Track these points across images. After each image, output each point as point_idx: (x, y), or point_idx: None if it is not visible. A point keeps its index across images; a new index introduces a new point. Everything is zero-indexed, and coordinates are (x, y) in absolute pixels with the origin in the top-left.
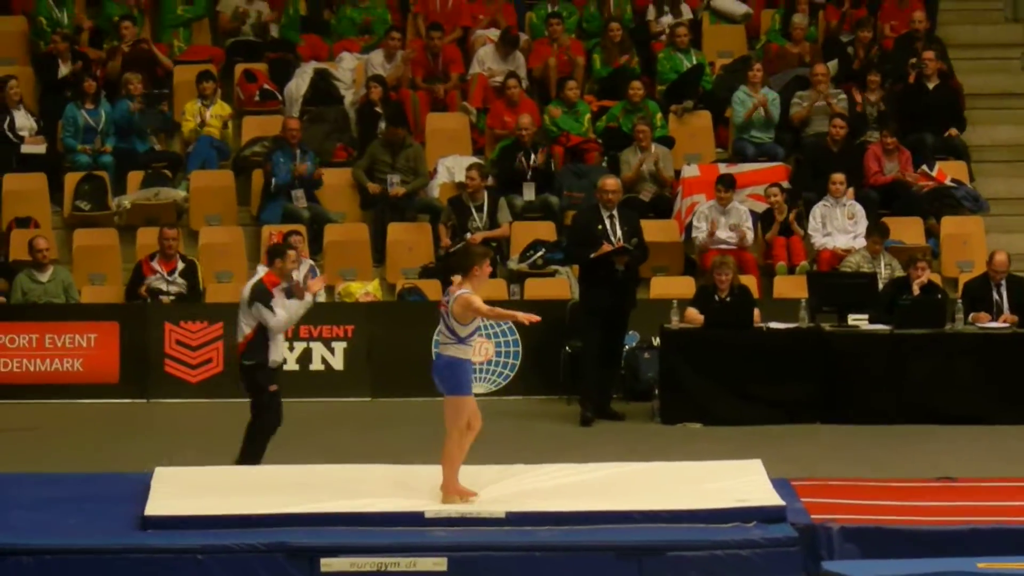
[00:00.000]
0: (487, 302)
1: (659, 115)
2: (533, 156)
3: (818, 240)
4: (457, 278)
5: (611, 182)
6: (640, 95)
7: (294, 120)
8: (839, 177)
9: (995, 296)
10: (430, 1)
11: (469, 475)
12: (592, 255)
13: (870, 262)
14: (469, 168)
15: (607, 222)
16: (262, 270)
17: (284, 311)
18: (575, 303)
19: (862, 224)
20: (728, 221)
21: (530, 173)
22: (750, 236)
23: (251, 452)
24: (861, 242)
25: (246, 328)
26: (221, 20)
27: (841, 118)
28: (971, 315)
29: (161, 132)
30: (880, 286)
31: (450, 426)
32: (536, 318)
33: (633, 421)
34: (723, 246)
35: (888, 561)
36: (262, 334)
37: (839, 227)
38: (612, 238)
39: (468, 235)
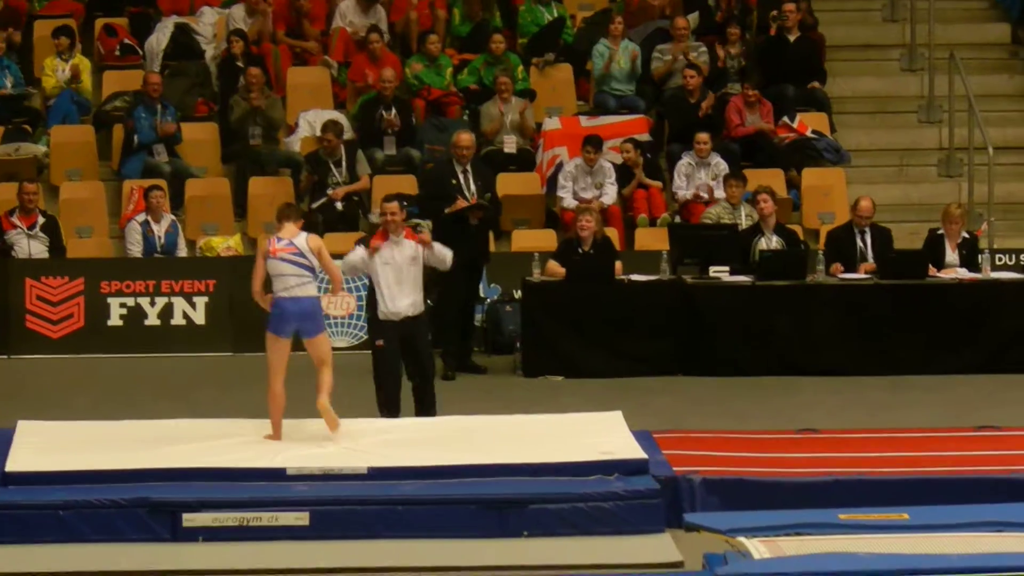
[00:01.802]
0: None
1: (520, 68)
2: (393, 111)
3: (681, 193)
4: (288, 225)
5: (465, 137)
6: (502, 48)
7: (155, 75)
8: (703, 136)
9: (859, 244)
10: None
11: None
12: (447, 210)
13: (730, 213)
14: (324, 130)
15: (461, 177)
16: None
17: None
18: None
19: None
20: (594, 180)
21: (390, 129)
22: (613, 193)
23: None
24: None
25: None
26: None
27: (694, 68)
28: (831, 266)
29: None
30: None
31: (329, 358)
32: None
33: (495, 374)
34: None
35: (750, 513)
36: (371, 288)
37: (702, 187)
38: (466, 193)
39: (329, 191)
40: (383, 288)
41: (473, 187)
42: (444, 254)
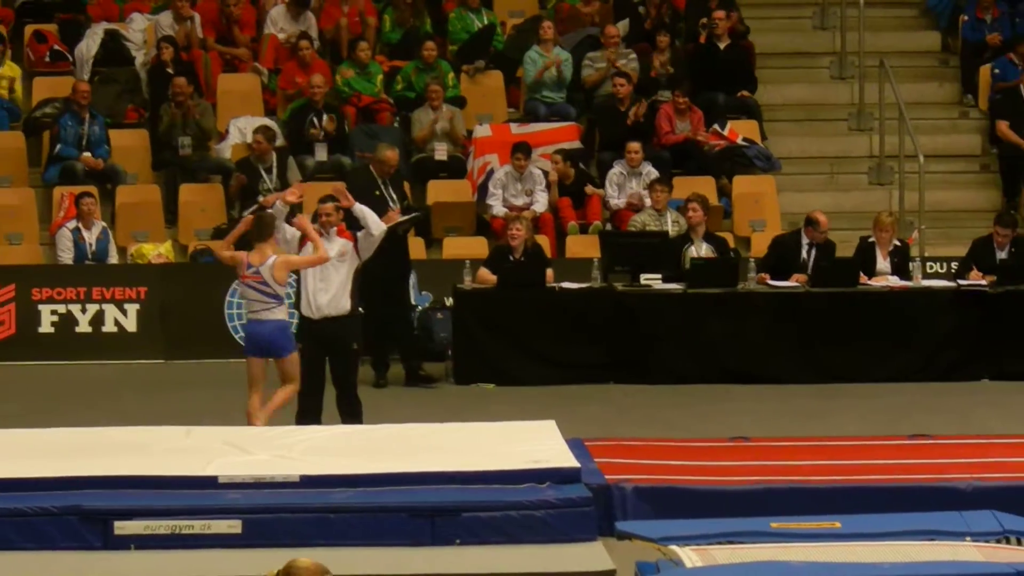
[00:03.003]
0: None
1: (451, 75)
2: (324, 118)
3: (613, 202)
4: (260, 247)
5: (392, 155)
6: (434, 56)
7: (83, 84)
8: (635, 146)
9: (804, 255)
10: None
11: (262, 436)
12: (384, 222)
13: (657, 219)
14: (255, 131)
15: (383, 189)
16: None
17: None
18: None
19: None
20: (524, 187)
21: (322, 134)
22: (544, 200)
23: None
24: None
25: None
26: None
27: (624, 76)
28: (758, 275)
29: None
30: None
31: (294, 379)
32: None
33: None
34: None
35: (682, 521)
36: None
37: (633, 195)
38: (390, 204)
39: (260, 197)
40: (308, 284)
41: (395, 197)
42: (371, 218)
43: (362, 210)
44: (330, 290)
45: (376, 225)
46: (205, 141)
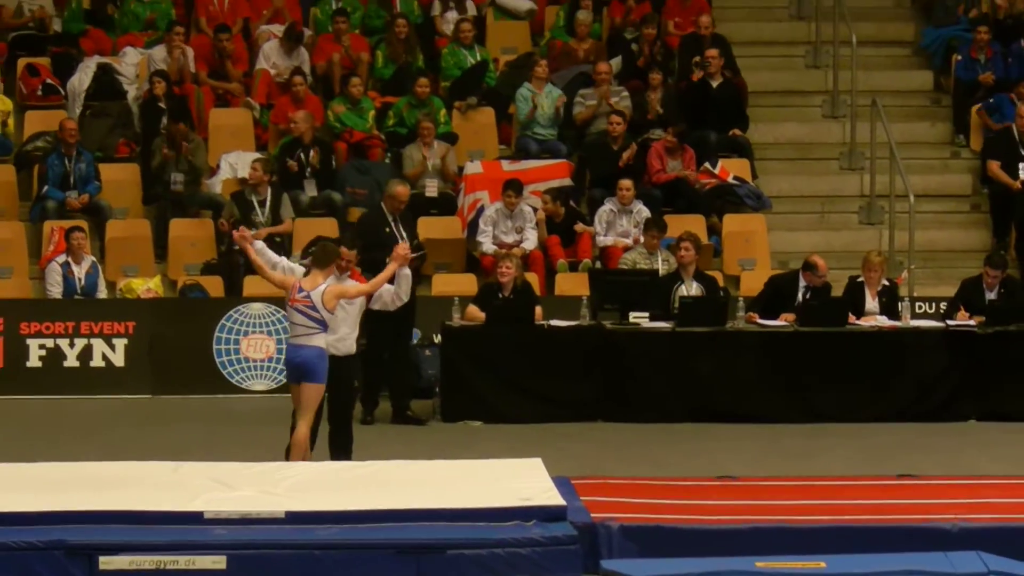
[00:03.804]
0: None
1: (443, 111)
2: (311, 152)
3: (601, 239)
4: (315, 274)
5: (403, 190)
6: (427, 92)
7: (71, 121)
8: (626, 183)
9: (800, 297)
10: (210, 1)
11: (249, 471)
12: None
13: (647, 259)
14: (254, 161)
15: (392, 225)
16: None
17: None
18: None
19: None
20: (514, 224)
21: (308, 170)
22: (534, 238)
23: None
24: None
25: None
26: (3, 14)
27: (619, 115)
28: (747, 315)
29: None
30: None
31: (308, 411)
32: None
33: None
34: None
35: (667, 560)
36: None
37: (623, 232)
38: (400, 240)
39: (253, 231)
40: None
41: (405, 234)
42: (404, 289)
43: (402, 274)
44: (338, 331)
45: (407, 293)
46: (197, 177)
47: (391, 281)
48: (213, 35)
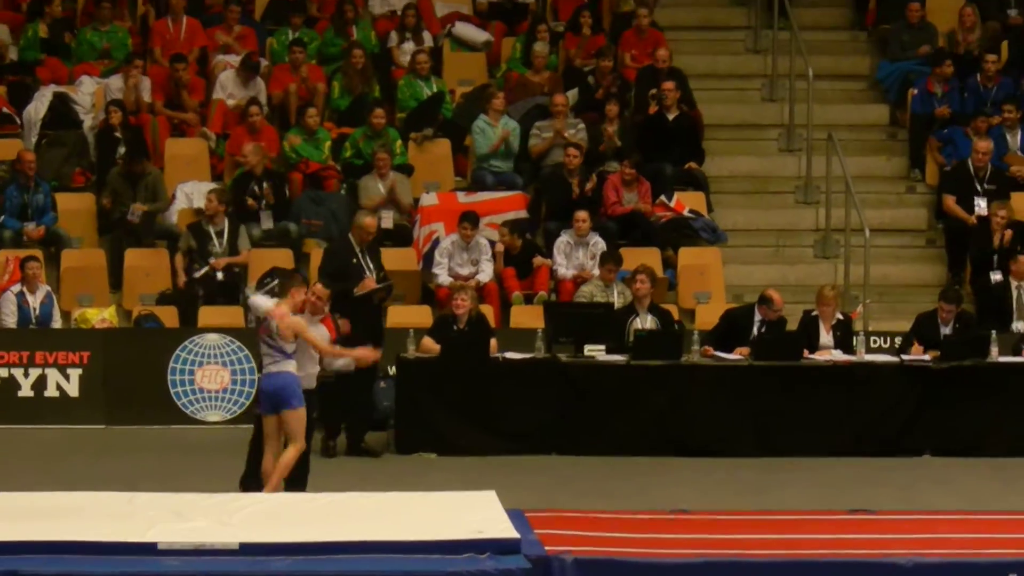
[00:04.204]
0: None
1: (399, 142)
2: (264, 185)
3: (563, 271)
4: (281, 303)
5: (371, 221)
6: (383, 123)
7: (29, 153)
8: (582, 215)
9: (755, 331)
10: (166, 31)
11: (203, 502)
12: (357, 291)
13: (603, 291)
14: (209, 192)
15: (360, 257)
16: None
17: None
18: None
19: None
20: (470, 256)
21: (263, 202)
22: (490, 270)
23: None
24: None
25: None
26: None
27: (576, 148)
28: (702, 348)
29: None
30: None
31: (297, 437)
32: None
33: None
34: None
35: None
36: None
37: (579, 265)
38: (367, 273)
39: (211, 260)
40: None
41: (372, 266)
42: (347, 363)
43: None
44: (304, 367)
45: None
46: (154, 208)
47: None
48: (169, 65)
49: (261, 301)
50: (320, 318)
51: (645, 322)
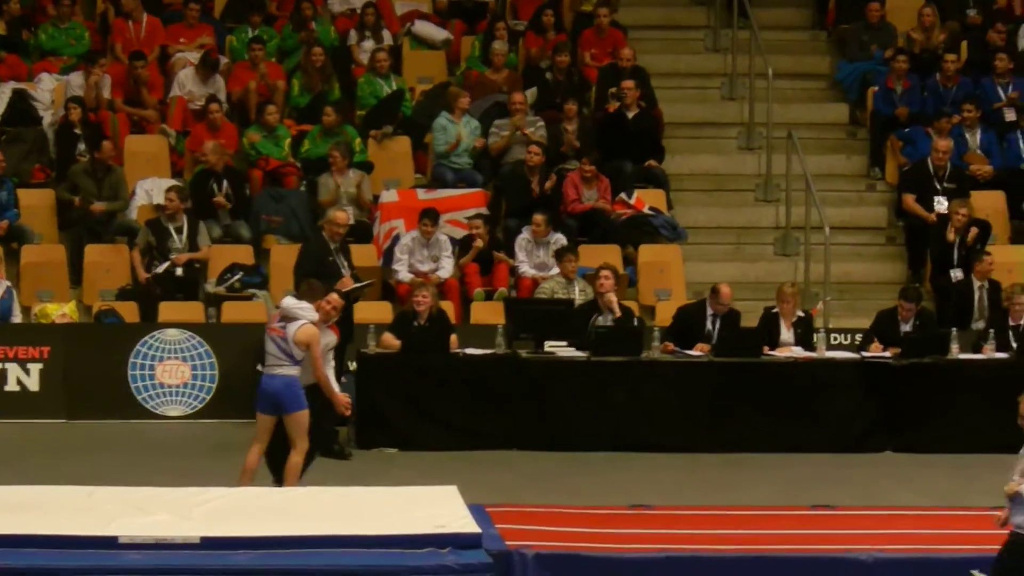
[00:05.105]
0: None
1: (358, 140)
2: (224, 183)
3: (524, 268)
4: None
5: (342, 216)
6: (332, 120)
7: None
8: (539, 219)
9: (708, 326)
10: (126, 28)
11: (164, 497)
12: (339, 288)
13: (565, 288)
14: (168, 190)
15: (334, 254)
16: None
17: None
18: None
19: None
20: (430, 253)
21: (230, 203)
22: (450, 267)
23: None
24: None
25: None
26: None
27: (538, 145)
28: (663, 344)
29: None
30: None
31: (300, 440)
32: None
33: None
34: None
35: None
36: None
37: (540, 264)
38: (343, 271)
39: (172, 256)
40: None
41: (346, 263)
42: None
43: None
44: (306, 373)
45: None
46: (113, 207)
47: None
48: (129, 62)
49: (300, 308)
50: (329, 324)
51: (606, 319)
